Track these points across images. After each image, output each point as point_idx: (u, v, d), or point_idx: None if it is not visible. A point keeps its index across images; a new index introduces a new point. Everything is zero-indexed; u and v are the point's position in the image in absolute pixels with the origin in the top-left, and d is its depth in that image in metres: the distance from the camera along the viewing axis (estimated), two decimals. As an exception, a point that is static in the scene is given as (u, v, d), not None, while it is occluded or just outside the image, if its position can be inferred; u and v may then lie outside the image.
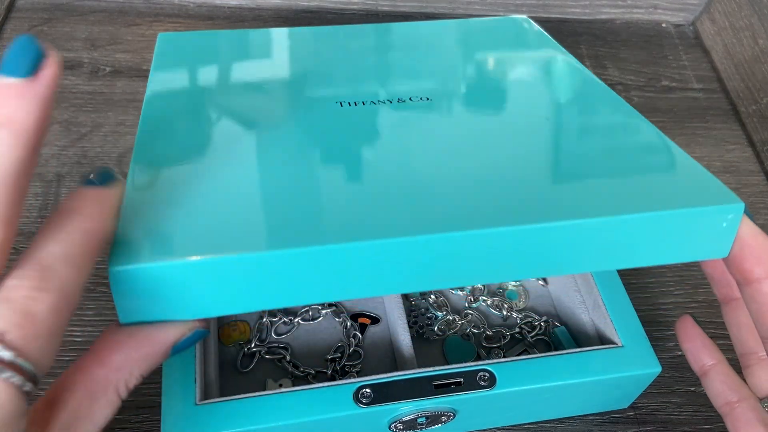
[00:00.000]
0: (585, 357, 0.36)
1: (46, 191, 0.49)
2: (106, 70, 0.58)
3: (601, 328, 0.39)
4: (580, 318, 0.40)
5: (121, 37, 0.62)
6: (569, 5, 0.68)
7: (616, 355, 0.36)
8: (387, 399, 0.33)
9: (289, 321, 0.42)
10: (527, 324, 0.43)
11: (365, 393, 0.33)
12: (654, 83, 0.64)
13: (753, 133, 0.60)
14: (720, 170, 0.57)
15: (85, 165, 0.51)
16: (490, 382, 0.34)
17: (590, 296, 0.40)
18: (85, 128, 0.54)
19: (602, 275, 0.39)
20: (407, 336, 0.38)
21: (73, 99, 0.56)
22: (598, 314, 0.39)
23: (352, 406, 0.33)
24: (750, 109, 0.61)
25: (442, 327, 0.42)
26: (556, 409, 0.39)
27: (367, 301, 0.44)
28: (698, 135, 0.60)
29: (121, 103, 0.56)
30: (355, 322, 0.42)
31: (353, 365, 0.40)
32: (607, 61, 0.65)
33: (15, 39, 0.22)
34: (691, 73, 0.66)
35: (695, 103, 0.63)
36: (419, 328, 0.42)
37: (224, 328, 0.41)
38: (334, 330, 0.42)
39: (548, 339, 0.42)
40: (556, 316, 0.44)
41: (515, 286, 0.45)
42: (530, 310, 0.44)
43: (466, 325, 0.43)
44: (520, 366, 0.35)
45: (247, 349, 0.40)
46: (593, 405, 0.39)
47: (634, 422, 0.40)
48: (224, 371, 0.39)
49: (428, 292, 0.44)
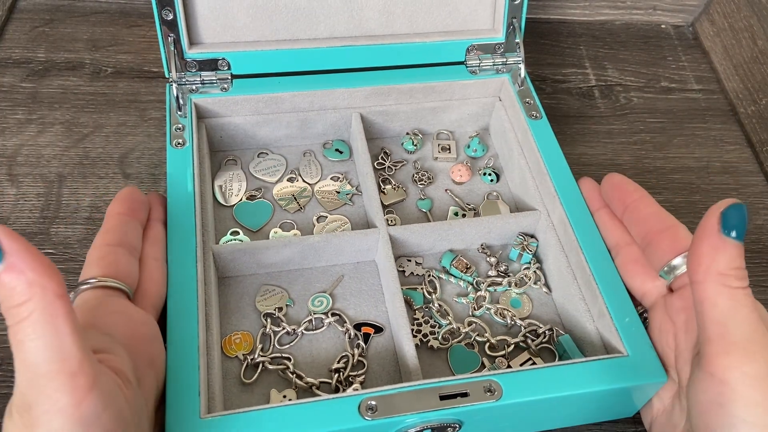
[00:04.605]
0: (590, 367, 0.36)
1: (47, 191, 0.49)
2: (108, 71, 0.58)
3: (607, 337, 0.38)
4: (585, 326, 0.40)
5: (122, 38, 0.61)
6: (569, 6, 0.68)
7: (622, 365, 0.36)
8: (392, 411, 0.33)
9: (292, 331, 0.41)
10: (531, 332, 0.43)
11: (370, 405, 0.33)
12: (653, 84, 0.64)
13: (752, 133, 0.60)
14: (719, 171, 0.57)
15: (87, 165, 0.51)
16: (496, 393, 0.34)
17: (595, 305, 0.40)
18: (87, 129, 0.53)
19: (607, 284, 0.39)
20: (411, 345, 0.38)
21: (74, 100, 0.55)
22: (603, 323, 0.39)
23: (357, 418, 0.33)
24: (749, 110, 0.61)
25: (446, 336, 0.42)
26: (562, 419, 0.39)
27: (370, 309, 0.43)
28: (697, 136, 0.60)
29: (122, 104, 0.56)
30: (359, 332, 0.42)
31: (357, 375, 0.40)
32: (607, 62, 0.65)
33: None
34: (690, 74, 0.65)
35: (694, 103, 0.63)
36: (423, 337, 0.42)
37: (227, 339, 0.41)
38: (338, 340, 0.42)
39: (553, 347, 0.42)
40: (560, 324, 0.44)
41: (518, 294, 0.45)
42: (534, 318, 0.44)
43: (471, 334, 0.42)
44: (526, 377, 0.35)
45: (251, 360, 0.40)
46: (599, 414, 0.39)
47: (633, 422, 0.41)
48: (227, 382, 0.39)
49: (432, 301, 0.44)
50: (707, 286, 0.30)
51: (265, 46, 0.49)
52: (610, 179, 0.42)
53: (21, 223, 0.47)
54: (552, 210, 0.45)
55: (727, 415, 0.29)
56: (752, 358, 0.29)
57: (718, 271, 0.30)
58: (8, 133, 0.52)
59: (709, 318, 0.30)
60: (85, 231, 0.47)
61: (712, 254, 0.30)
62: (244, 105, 0.48)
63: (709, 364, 0.30)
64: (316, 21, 0.49)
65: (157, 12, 0.45)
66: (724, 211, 0.30)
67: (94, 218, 0.48)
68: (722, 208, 0.30)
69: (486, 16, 0.52)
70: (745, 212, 0.30)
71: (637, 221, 0.39)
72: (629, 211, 0.40)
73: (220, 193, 0.48)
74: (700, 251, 0.30)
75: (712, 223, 0.30)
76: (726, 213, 0.30)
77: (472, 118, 0.54)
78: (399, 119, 0.52)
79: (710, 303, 0.30)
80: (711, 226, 0.30)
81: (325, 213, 0.48)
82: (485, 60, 0.52)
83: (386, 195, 0.49)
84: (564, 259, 0.43)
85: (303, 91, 0.49)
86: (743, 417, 0.28)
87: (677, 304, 0.36)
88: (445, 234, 0.45)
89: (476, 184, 0.52)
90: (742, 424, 0.28)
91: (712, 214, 0.30)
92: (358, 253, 0.45)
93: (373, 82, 0.50)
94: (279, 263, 0.44)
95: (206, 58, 0.48)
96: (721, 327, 0.29)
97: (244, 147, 0.51)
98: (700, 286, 0.30)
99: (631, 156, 0.57)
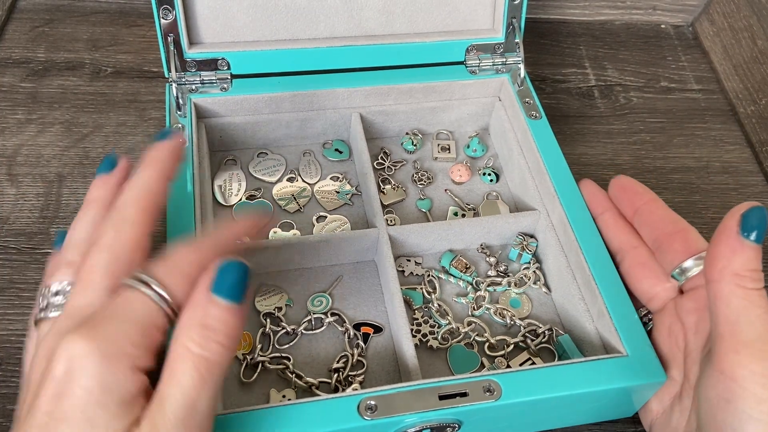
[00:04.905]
0: (590, 366, 0.36)
1: (47, 191, 0.49)
2: (108, 71, 0.58)
3: (606, 337, 0.38)
4: (585, 326, 0.40)
5: (122, 38, 0.61)
6: (569, 6, 0.68)
7: (622, 364, 0.36)
8: (391, 411, 0.33)
9: (292, 331, 0.41)
10: (531, 332, 0.43)
11: (370, 405, 0.33)
12: (653, 84, 0.64)
13: (752, 133, 0.60)
14: (719, 171, 0.57)
15: (87, 165, 0.51)
16: (495, 393, 0.34)
17: (595, 305, 0.40)
18: (87, 129, 0.53)
19: (606, 284, 0.39)
20: (411, 345, 0.38)
21: (74, 100, 0.55)
22: (603, 323, 0.39)
23: (356, 418, 0.33)
24: (749, 110, 0.61)
25: (445, 335, 0.42)
26: (562, 419, 0.39)
27: (370, 309, 0.43)
28: (697, 136, 0.60)
29: (122, 104, 0.56)
30: (358, 332, 0.42)
31: (356, 375, 0.40)
32: (607, 62, 0.65)
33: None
34: (690, 73, 0.65)
35: (694, 103, 0.63)
36: (422, 337, 0.42)
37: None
38: (337, 339, 0.42)
39: (552, 347, 0.42)
40: (560, 324, 0.44)
41: (518, 294, 0.45)
42: (534, 318, 0.44)
43: (470, 334, 0.42)
44: (526, 376, 0.35)
45: (250, 360, 0.40)
46: (598, 414, 0.39)
47: (633, 422, 0.41)
48: (226, 382, 0.39)
49: (431, 301, 0.44)
50: (722, 285, 0.30)
51: (265, 46, 0.49)
52: (618, 182, 0.42)
53: (21, 223, 0.47)
54: (552, 210, 0.45)
55: (735, 411, 0.29)
56: (762, 356, 0.29)
57: (733, 272, 0.30)
58: (8, 133, 0.52)
59: (722, 316, 0.30)
60: (84, 231, 0.47)
61: (729, 255, 0.30)
62: (243, 105, 0.48)
63: (719, 361, 0.30)
64: (316, 21, 0.49)
65: (156, 12, 0.45)
66: (744, 213, 0.31)
67: (93, 218, 0.48)
68: (743, 210, 0.31)
69: (486, 16, 0.52)
70: (765, 215, 0.30)
71: (647, 224, 0.39)
72: (639, 213, 0.40)
73: (219, 193, 0.48)
74: (717, 251, 0.31)
75: (731, 224, 0.31)
76: (746, 215, 0.30)
77: (471, 118, 0.54)
78: (399, 119, 0.52)
79: (724, 302, 0.30)
80: (730, 227, 0.31)
81: (325, 213, 0.48)
82: (485, 60, 0.52)
83: (386, 195, 0.49)
84: (563, 259, 0.43)
85: (303, 91, 0.49)
86: (751, 413, 0.29)
87: (688, 305, 0.36)
88: (445, 234, 0.45)
89: (476, 184, 0.52)
90: (750, 420, 0.29)
91: (733, 215, 0.31)
92: (358, 253, 0.45)
93: (372, 82, 0.50)
94: (278, 263, 0.44)
95: (206, 58, 0.48)
96: (733, 325, 0.30)
97: (244, 147, 0.51)
98: (715, 285, 0.31)
99: (631, 156, 0.57)
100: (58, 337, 0.27)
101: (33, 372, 0.28)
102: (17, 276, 0.44)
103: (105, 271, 0.29)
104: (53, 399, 0.26)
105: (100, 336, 0.26)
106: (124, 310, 0.27)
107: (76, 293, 0.29)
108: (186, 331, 0.27)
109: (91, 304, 0.29)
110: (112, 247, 0.30)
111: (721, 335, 0.30)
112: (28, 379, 0.29)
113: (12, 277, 0.44)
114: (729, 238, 0.31)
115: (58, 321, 0.29)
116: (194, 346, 0.27)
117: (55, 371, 0.26)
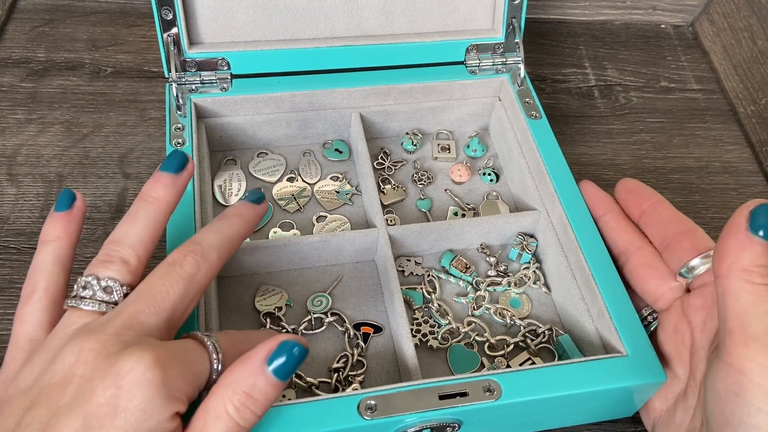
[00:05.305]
0: (590, 366, 0.36)
1: (47, 191, 0.49)
2: (108, 71, 0.58)
3: (606, 337, 0.38)
4: (585, 326, 0.40)
5: (122, 37, 0.61)
6: (569, 6, 0.68)
7: (622, 364, 0.36)
8: (391, 411, 0.33)
9: (292, 331, 0.41)
10: (531, 332, 0.43)
11: (370, 405, 0.33)
12: (653, 84, 0.64)
13: (752, 133, 0.60)
14: (719, 171, 0.57)
15: (87, 165, 0.51)
16: (495, 393, 0.34)
17: (594, 305, 0.40)
18: (87, 129, 0.53)
19: (606, 284, 0.39)
20: (411, 345, 0.38)
21: (74, 100, 0.55)
22: (603, 322, 0.39)
23: (356, 418, 0.33)
24: (749, 110, 0.61)
25: (445, 335, 0.42)
26: (562, 419, 0.39)
27: (369, 309, 0.43)
28: (697, 136, 0.60)
29: (122, 104, 0.56)
30: (358, 331, 0.42)
31: (356, 375, 0.40)
32: (607, 62, 0.65)
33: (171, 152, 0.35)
34: (689, 73, 0.65)
35: (694, 103, 0.63)
36: (422, 337, 0.42)
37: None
38: (337, 339, 0.42)
39: (552, 347, 0.42)
40: (560, 324, 0.44)
41: (518, 294, 0.45)
42: (534, 318, 0.44)
43: (470, 334, 0.42)
44: (526, 376, 0.35)
45: (250, 360, 0.40)
46: (598, 414, 0.39)
47: (633, 422, 0.41)
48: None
49: (431, 301, 0.44)
50: (731, 280, 0.31)
51: (265, 46, 0.49)
52: (624, 184, 0.43)
53: (21, 223, 0.47)
54: (551, 210, 0.45)
55: (744, 404, 0.29)
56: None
57: (742, 267, 0.30)
58: (8, 133, 0.52)
59: (731, 310, 0.31)
60: (84, 231, 0.47)
61: (737, 251, 0.31)
62: (243, 105, 0.48)
63: (728, 355, 0.30)
64: (316, 21, 0.49)
65: (156, 12, 0.45)
66: (753, 209, 0.31)
67: (93, 218, 0.48)
68: (752, 206, 0.31)
69: (485, 15, 0.52)
70: None
71: (655, 224, 0.40)
72: (647, 214, 0.40)
73: (219, 193, 0.48)
74: (726, 247, 0.31)
75: (740, 221, 0.31)
76: (755, 212, 0.31)
77: (471, 118, 0.54)
78: (398, 119, 0.52)
79: (732, 296, 0.31)
80: (739, 223, 0.31)
81: (325, 213, 0.48)
82: (485, 60, 0.52)
83: (386, 195, 0.49)
84: (563, 259, 0.43)
85: (303, 90, 0.49)
86: (759, 406, 0.29)
87: (696, 303, 0.36)
88: (445, 234, 0.45)
89: (476, 183, 0.52)
90: (758, 413, 0.29)
91: (741, 212, 0.31)
92: (358, 253, 0.45)
93: (372, 82, 0.50)
94: (278, 263, 0.44)
95: (206, 58, 0.48)
96: (741, 320, 0.30)
97: (244, 147, 0.51)
98: (724, 280, 0.31)
99: (631, 156, 0.57)
100: (120, 345, 0.28)
101: (60, 351, 0.28)
102: (17, 276, 0.44)
103: (175, 301, 0.30)
104: (106, 405, 0.26)
105: (171, 373, 0.27)
106: (190, 357, 0.29)
107: (146, 312, 0.30)
108: (230, 393, 0.28)
109: (156, 327, 0.29)
110: (189, 282, 0.31)
111: (730, 330, 0.31)
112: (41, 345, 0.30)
113: (12, 277, 0.44)
114: (738, 234, 0.31)
115: (114, 325, 0.29)
116: (233, 410, 0.28)
117: (118, 379, 0.27)
